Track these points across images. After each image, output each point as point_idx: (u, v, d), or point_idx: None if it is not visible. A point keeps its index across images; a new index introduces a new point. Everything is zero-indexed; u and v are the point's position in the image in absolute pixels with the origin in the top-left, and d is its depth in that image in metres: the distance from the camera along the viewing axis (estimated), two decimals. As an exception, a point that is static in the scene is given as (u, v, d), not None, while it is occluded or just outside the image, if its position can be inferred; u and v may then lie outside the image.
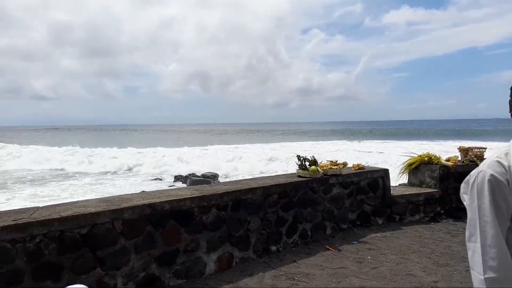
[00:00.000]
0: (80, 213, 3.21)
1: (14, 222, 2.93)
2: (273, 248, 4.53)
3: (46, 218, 3.04)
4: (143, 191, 5.24)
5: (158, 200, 3.65)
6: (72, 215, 3.15)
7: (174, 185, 16.36)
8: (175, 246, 3.74)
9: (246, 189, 4.33)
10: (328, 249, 4.64)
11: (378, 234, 5.25)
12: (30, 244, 2.96)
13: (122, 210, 3.39)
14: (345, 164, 5.51)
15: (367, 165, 6.33)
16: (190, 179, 16.36)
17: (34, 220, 3.00)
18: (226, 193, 4.13)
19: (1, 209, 3.49)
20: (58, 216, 3.10)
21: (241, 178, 5.29)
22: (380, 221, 5.75)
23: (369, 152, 27.04)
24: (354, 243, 4.87)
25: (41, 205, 3.55)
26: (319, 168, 5.05)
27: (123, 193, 4.27)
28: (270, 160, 22.18)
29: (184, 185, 15.79)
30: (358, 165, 5.91)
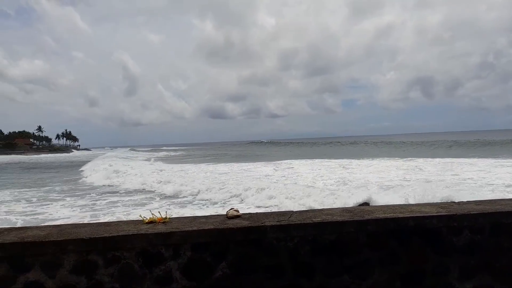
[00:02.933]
0: (328, 221, 3.48)
1: (278, 223, 3.47)
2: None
3: (302, 222, 3.45)
4: (380, 205, 5.18)
5: (401, 215, 3.52)
6: (322, 222, 3.46)
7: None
8: (421, 266, 3.49)
9: (508, 211, 3.59)
10: None
11: None
12: (290, 243, 3.43)
13: (366, 222, 3.46)
14: None
15: None
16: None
17: (292, 223, 3.46)
18: (482, 214, 3.55)
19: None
20: (310, 222, 3.46)
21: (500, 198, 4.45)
22: None
23: None
24: None
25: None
26: None
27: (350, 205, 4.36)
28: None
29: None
30: None
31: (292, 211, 3.95)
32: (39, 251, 3.17)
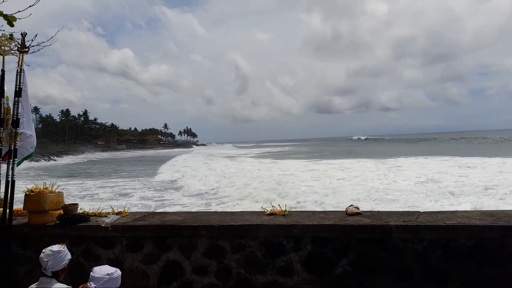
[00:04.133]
0: (464, 224, 3.11)
1: (404, 223, 3.24)
2: None
3: (433, 224, 3.15)
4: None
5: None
6: (457, 225, 3.11)
7: None
8: None
9: None
10: None
11: None
12: (418, 246, 3.17)
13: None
14: None
15: None
16: None
17: (421, 224, 3.19)
18: None
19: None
20: (443, 224, 3.14)
21: None
22: None
23: None
24: None
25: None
26: None
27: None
28: None
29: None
30: None
31: (419, 212, 3.65)
32: (177, 234, 3.58)
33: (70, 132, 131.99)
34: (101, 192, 21.94)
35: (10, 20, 5.05)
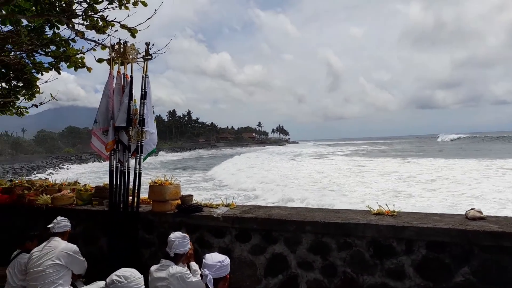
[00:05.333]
0: None
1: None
2: None
3: None
4: None
5: None
6: None
7: None
8: None
9: None
10: None
11: None
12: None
13: None
14: None
15: None
16: None
17: None
18: None
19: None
20: None
21: None
22: None
23: None
24: None
25: None
26: None
27: None
28: None
29: None
30: None
31: (562, 219, 3.11)
32: (283, 228, 3.67)
33: (176, 131, 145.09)
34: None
35: (132, 32, 5.77)
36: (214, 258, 2.61)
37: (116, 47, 4.69)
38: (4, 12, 5.14)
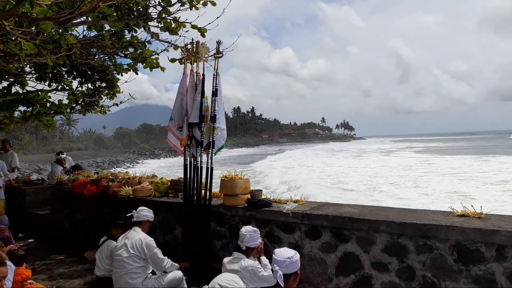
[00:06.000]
0: None
1: None
2: None
3: None
4: None
5: None
6: None
7: None
8: None
9: None
10: None
11: None
12: None
13: None
14: None
15: None
16: None
17: None
18: None
19: None
20: None
21: None
22: None
23: None
24: None
25: None
26: None
27: None
28: None
29: None
30: None
31: None
32: (355, 226, 3.55)
33: (240, 127, 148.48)
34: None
35: (202, 32, 5.99)
36: (284, 253, 2.58)
37: (189, 46, 4.88)
38: (90, 19, 5.65)
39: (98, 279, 4.40)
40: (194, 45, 4.83)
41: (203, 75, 4.80)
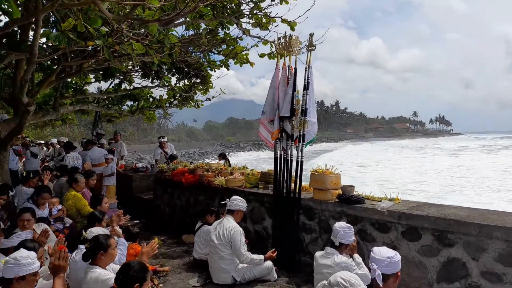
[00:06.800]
0: None
1: None
2: None
3: None
4: None
5: None
6: None
7: None
8: None
9: None
10: None
11: None
12: None
13: None
14: None
15: None
16: None
17: None
18: None
19: None
20: None
21: None
22: None
23: None
24: None
25: None
26: None
27: None
28: None
29: None
30: None
31: None
32: (462, 230, 3.23)
33: (324, 121, 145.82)
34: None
35: (292, 25, 5.98)
36: (383, 253, 2.46)
37: (282, 40, 4.92)
38: (188, 19, 6.05)
39: (195, 261, 4.74)
40: (287, 39, 4.83)
41: (295, 68, 4.80)
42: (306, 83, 4.67)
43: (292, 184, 4.72)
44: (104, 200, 4.92)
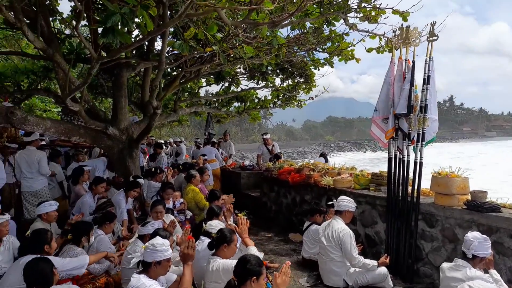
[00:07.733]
0: None
1: None
2: None
3: None
4: None
5: None
6: None
7: None
8: None
9: None
10: None
11: None
12: None
13: None
14: None
15: None
16: None
17: None
18: None
19: None
20: None
21: None
22: None
23: None
24: None
25: None
26: None
27: None
28: None
29: None
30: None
31: None
32: None
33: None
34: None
35: (404, 16, 5.52)
36: None
37: (398, 32, 4.59)
38: (294, 19, 6.07)
39: (304, 261, 4.74)
40: (404, 31, 4.49)
41: (413, 61, 4.42)
42: (426, 77, 4.27)
43: (409, 187, 4.37)
44: (222, 197, 5.25)
